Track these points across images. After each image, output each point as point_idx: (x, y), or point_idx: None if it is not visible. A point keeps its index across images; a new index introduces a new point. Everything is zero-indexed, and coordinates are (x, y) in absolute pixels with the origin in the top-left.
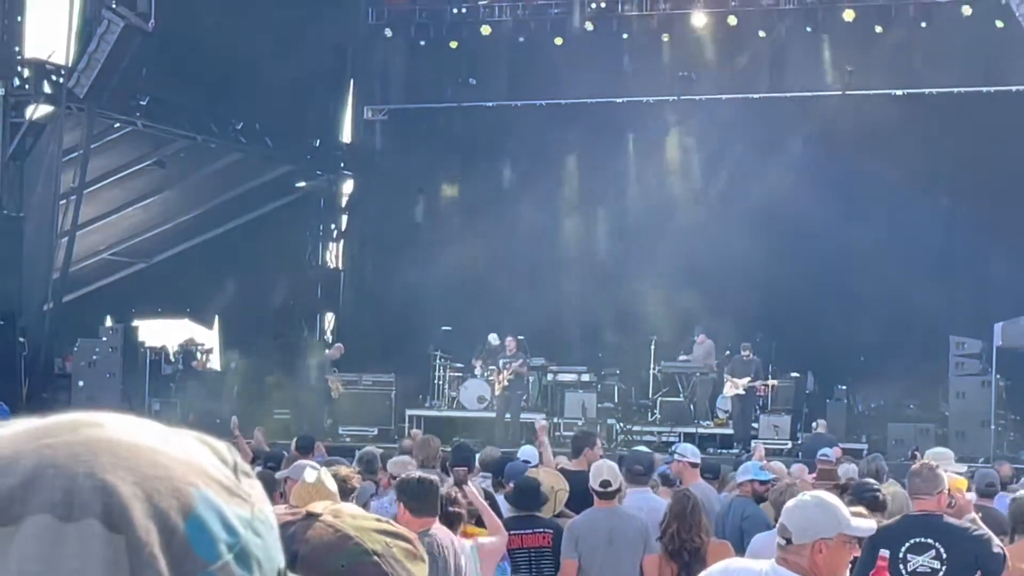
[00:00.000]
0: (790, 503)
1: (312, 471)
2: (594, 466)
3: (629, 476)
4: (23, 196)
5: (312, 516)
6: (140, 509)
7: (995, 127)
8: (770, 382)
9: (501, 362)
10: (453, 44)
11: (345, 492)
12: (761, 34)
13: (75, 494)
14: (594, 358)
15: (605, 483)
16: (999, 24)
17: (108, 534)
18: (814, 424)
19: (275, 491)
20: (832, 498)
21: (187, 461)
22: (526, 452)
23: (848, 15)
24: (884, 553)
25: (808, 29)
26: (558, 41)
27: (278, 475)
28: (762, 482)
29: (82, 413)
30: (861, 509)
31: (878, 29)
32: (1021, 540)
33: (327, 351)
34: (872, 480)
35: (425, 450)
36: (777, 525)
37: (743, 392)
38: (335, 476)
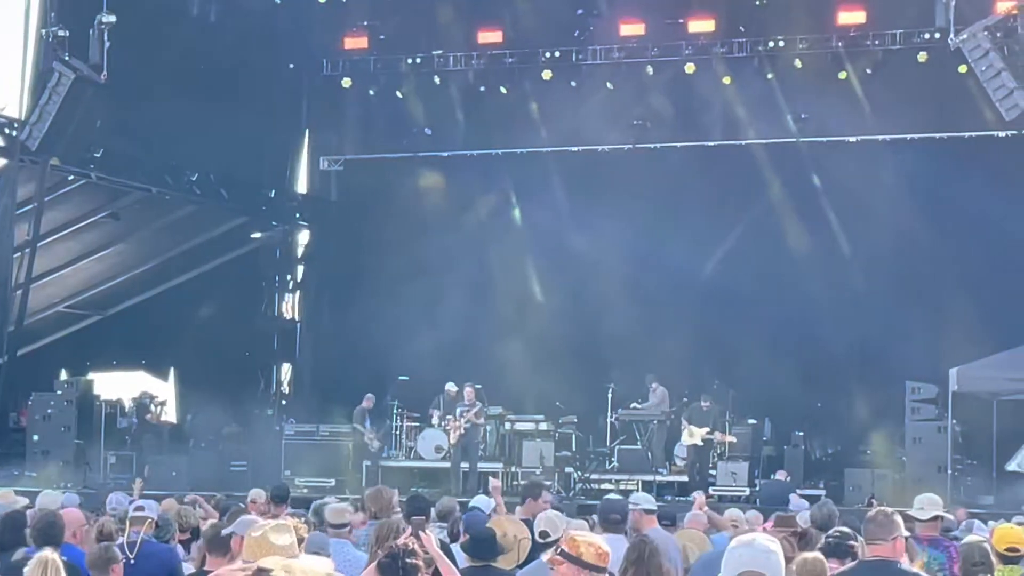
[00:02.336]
0: (750, 551)
1: (258, 526)
2: (537, 517)
3: (604, 524)
4: None
5: (263, 571)
6: None
7: (949, 173)
8: (728, 438)
9: (459, 410)
10: (399, 94)
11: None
12: (725, 81)
13: None
14: (551, 407)
15: (544, 534)
16: (962, 70)
17: None
18: (773, 475)
19: (228, 552)
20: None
21: None
22: (479, 501)
23: (799, 62)
24: None
25: (769, 76)
26: (503, 90)
27: (224, 532)
28: None
29: None
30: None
31: (841, 76)
32: None
33: (363, 403)
34: (848, 530)
35: (377, 501)
36: (743, 573)
37: (701, 443)
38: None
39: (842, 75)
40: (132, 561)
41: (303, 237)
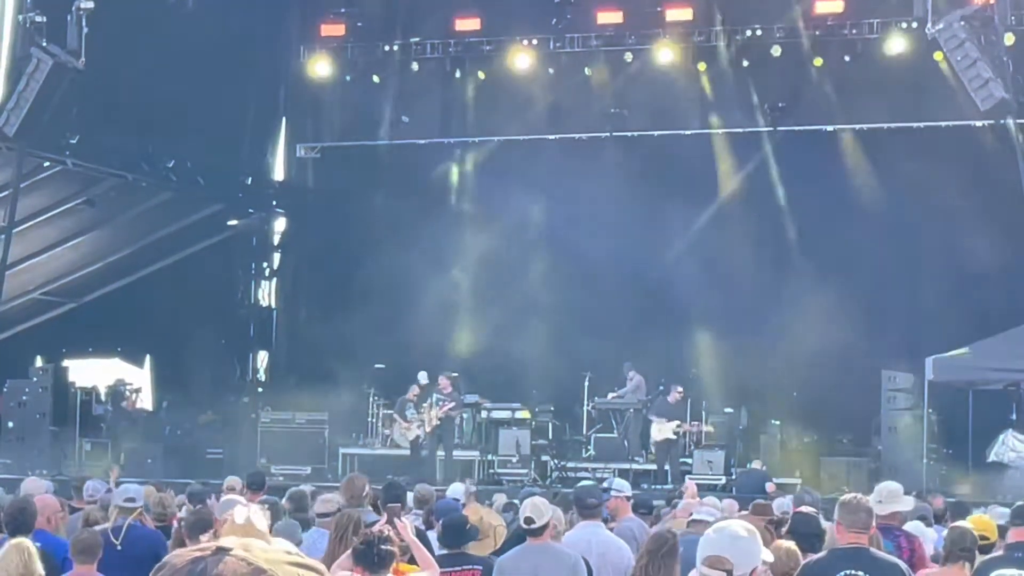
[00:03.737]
0: (717, 536)
1: (242, 511)
2: (522, 504)
3: (581, 510)
4: None
5: (223, 551)
6: None
7: (925, 162)
8: (705, 427)
9: (435, 397)
10: (375, 80)
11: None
12: (701, 69)
13: None
14: (528, 395)
15: (528, 520)
16: (937, 57)
17: None
18: (749, 463)
19: (209, 530)
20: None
21: None
22: (455, 490)
23: (776, 51)
24: None
25: (746, 64)
26: (481, 75)
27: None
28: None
29: None
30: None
31: (817, 64)
32: (952, 566)
33: (408, 395)
34: (811, 510)
35: (350, 489)
36: (708, 557)
37: (673, 436)
38: None
39: (818, 63)
40: (119, 547)
41: (280, 225)
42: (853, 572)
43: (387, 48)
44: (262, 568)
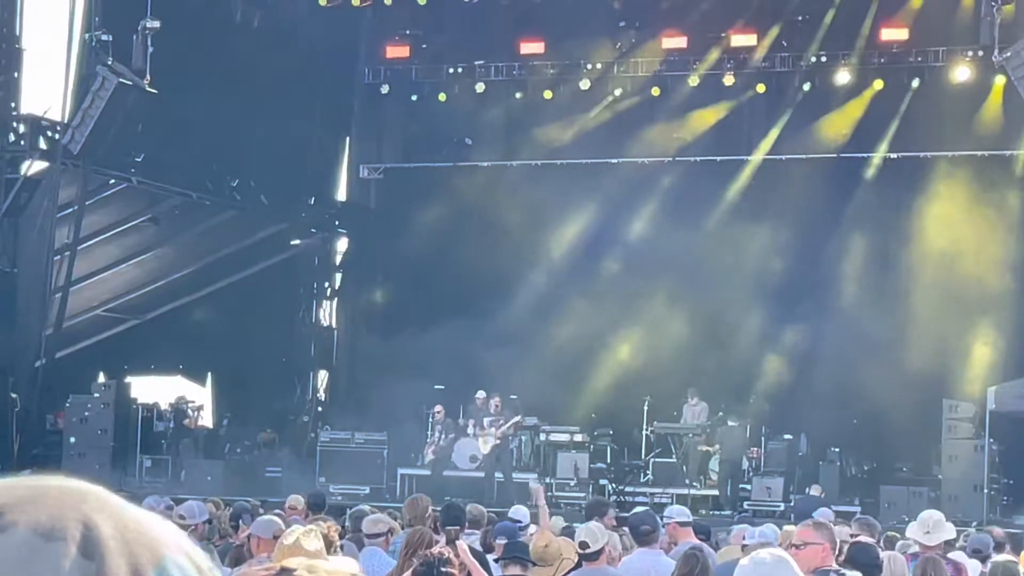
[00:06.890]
0: (771, 568)
1: (290, 532)
2: (578, 529)
3: (637, 536)
4: (17, 252)
5: (286, 571)
6: (115, 548)
7: (990, 190)
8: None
9: (486, 420)
10: (442, 97)
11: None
12: (758, 89)
13: (59, 520)
14: (587, 418)
15: (583, 544)
16: (999, 82)
17: (81, 559)
18: (808, 488)
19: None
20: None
21: (166, 531)
22: (517, 511)
23: (840, 78)
24: None
25: (811, 91)
26: (544, 99)
27: (244, 534)
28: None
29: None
30: None
31: (883, 92)
32: None
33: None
34: (870, 539)
35: (413, 509)
36: None
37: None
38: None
39: (884, 91)
40: None
41: (341, 245)
42: None
43: (451, 70)
44: None
